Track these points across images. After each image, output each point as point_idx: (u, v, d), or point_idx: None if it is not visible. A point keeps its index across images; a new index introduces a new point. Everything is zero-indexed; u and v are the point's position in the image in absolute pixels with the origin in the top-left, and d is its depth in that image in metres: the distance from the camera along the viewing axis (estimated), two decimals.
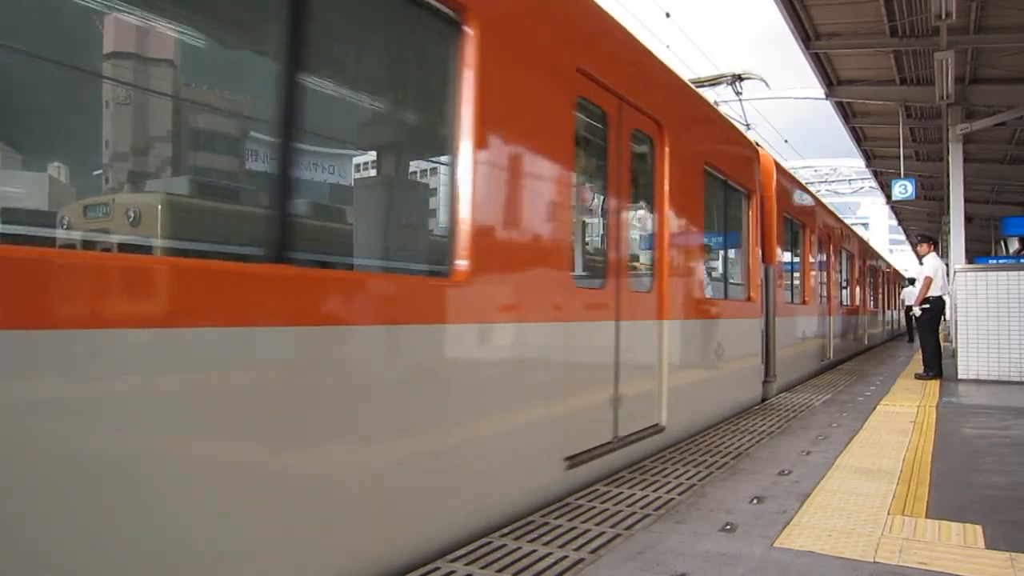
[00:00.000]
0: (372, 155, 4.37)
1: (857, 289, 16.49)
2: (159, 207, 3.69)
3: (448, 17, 3.19)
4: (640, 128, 4.97)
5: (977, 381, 9.57)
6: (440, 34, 3.26)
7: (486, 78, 3.26)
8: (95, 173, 4.04)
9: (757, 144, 8.46)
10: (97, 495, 1.84)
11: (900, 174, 17.03)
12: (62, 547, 1.78)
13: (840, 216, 15.55)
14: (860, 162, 23.42)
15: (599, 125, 4.53)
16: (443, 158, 3.44)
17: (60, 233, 3.56)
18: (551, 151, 3.83)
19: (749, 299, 7.59)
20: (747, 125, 10.03)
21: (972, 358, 9.77)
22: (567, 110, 3.99)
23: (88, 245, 3.51)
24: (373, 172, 4.35)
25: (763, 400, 7.78)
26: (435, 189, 4.02)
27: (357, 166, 4.89)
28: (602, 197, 4.72)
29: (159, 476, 1.98)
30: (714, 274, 7.40)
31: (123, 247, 3.64)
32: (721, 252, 7.71)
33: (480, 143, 3.24)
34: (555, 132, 3.88)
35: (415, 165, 4.26)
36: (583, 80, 4.14)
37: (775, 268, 8.40)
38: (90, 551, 1.84)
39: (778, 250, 8.60)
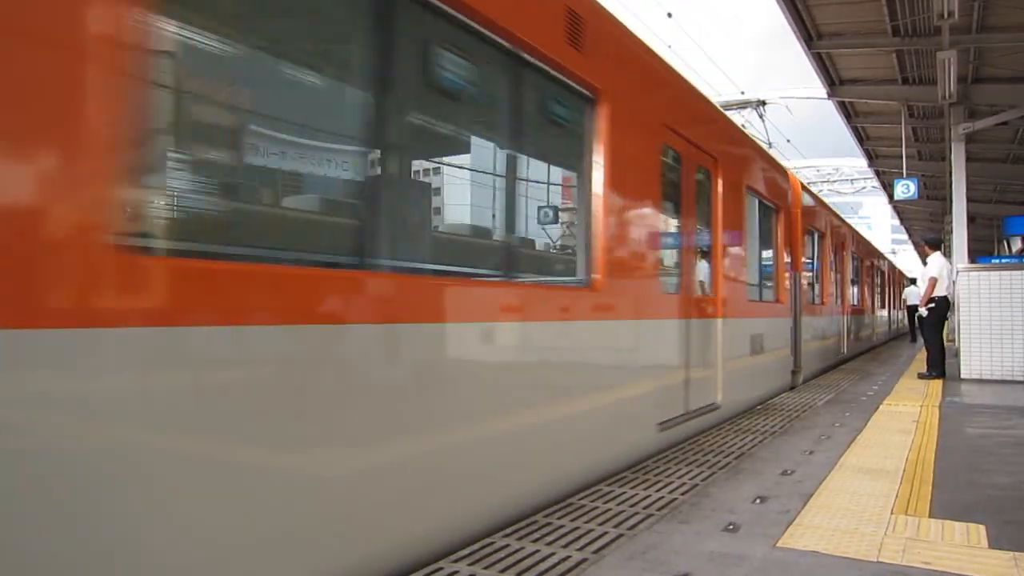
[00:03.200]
0: None
1: (864, 289, 17.21)
2: None
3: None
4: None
5: (980, 380, 9.55)
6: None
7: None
8: None
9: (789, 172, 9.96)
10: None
11: (903, 174, 17.02)
12: None
13: (849, 223, 15.89)
14: (862, 162, 23.41)
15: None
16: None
17: None
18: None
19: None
20: (769, 143, 11.42)
21: (975, 358, 9.75)
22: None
23: None
24: None
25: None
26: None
27: None
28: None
29: None
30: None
31: None
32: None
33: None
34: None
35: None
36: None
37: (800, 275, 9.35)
38: None
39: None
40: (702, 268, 6.25)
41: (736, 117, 9.87)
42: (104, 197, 1.87)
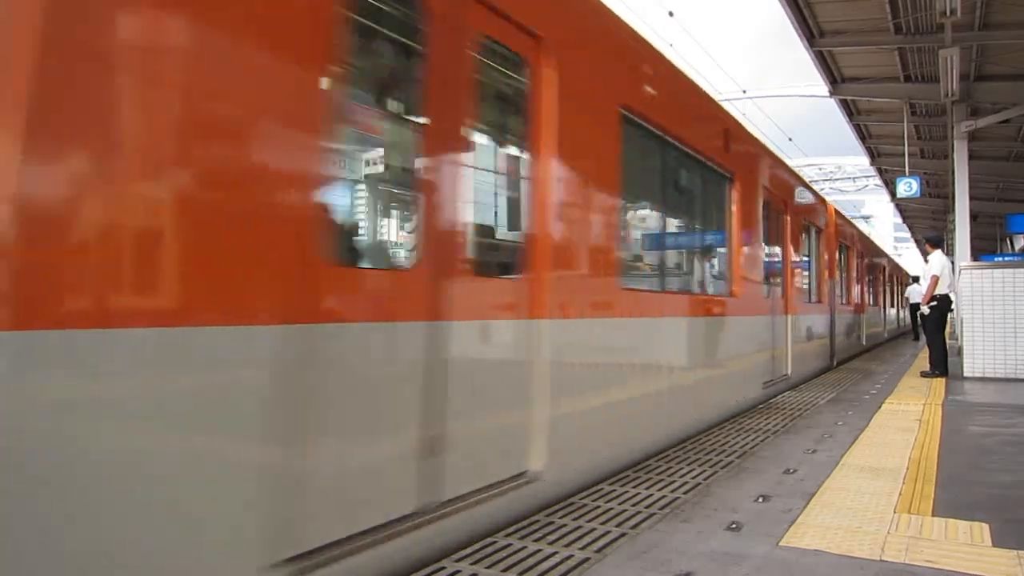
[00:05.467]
0: None
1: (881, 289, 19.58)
2: None
3: None
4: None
5: (983, 379, 9.53)
6: None
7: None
8: None
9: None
10: None
11: (905, 172, 17.00)
12: None
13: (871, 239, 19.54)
14: (864, 160, 23.38)
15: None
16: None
17: None
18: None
19: (820, 301, 11.21)
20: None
21: (978, 356, 9.73)
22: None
23: None
24: None
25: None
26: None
27: None
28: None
29: None
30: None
31: None
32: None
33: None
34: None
35: None
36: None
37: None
38: None
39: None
40: (780, 280, 8.67)
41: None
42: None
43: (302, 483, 2.31)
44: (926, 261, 10.29)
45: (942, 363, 9.95)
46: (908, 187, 16.13)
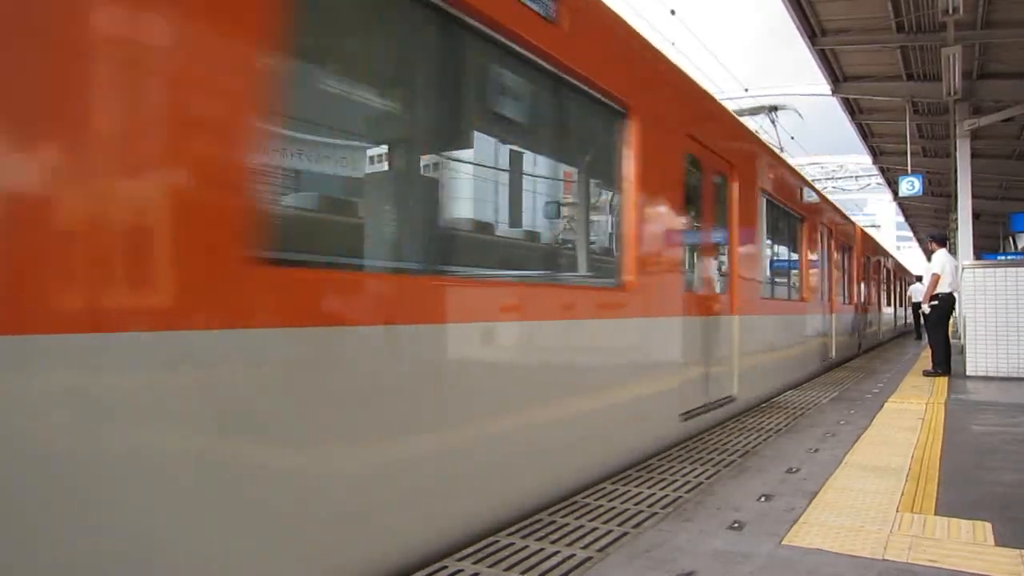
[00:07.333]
0: None
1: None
2: None
3: None
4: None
5: (986, 378, 9.52)
6: None
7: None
8: None
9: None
10: None
11: (907, 170, 16.97)
12: None
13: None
14: (867, 159, 23.36)
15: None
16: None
17: None
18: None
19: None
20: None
21: (980, 355, 9.72)
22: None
23: None
24: None
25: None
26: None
27: None
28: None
29: None
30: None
31: None
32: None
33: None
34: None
35: None
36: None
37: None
38: None
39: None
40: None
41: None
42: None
43: (691, 380, 5.46)
44: (929, 260, 10.26)
45: (944, 361, 9.93)
46: (910, 186, 16.11)
